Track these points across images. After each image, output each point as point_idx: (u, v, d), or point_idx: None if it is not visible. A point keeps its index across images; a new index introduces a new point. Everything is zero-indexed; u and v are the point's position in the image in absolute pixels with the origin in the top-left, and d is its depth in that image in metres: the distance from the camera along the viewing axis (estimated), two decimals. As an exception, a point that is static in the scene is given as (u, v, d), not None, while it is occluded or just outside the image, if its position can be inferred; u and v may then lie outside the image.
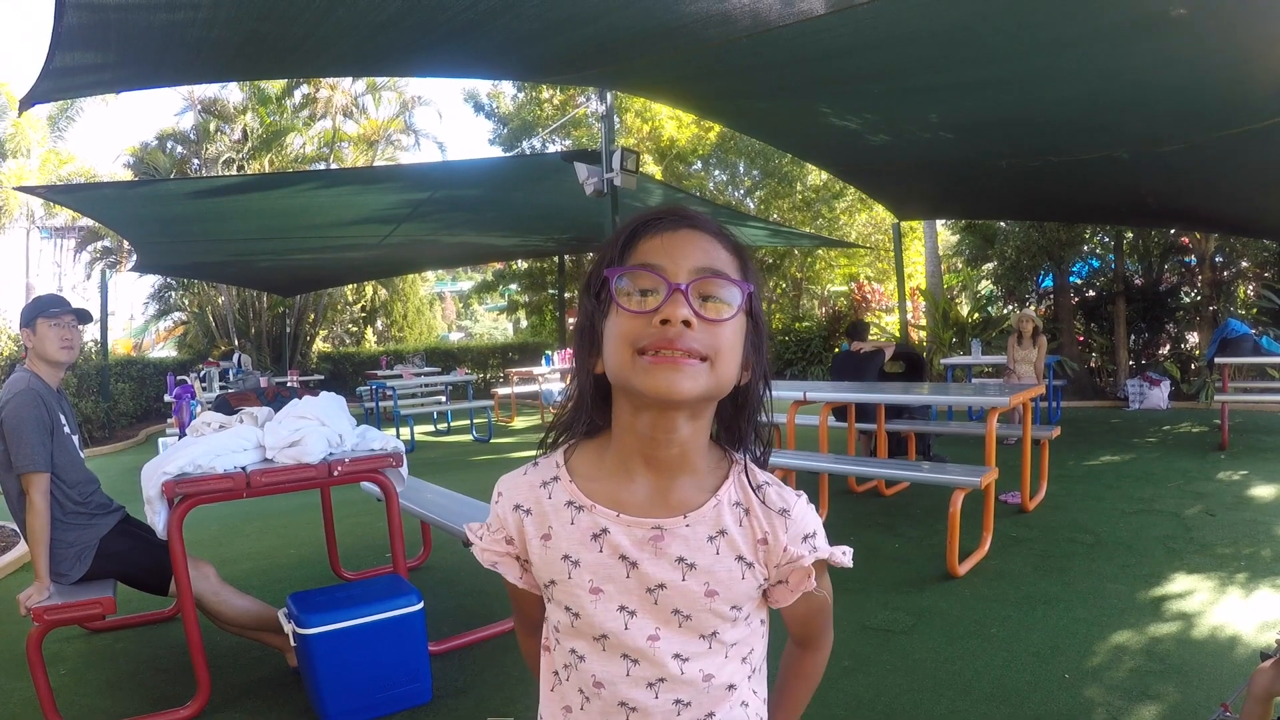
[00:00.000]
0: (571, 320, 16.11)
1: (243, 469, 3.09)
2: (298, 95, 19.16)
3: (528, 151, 16.82)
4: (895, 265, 12.40)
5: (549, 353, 14.49)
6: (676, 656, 0.97)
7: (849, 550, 1.03)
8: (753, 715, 1.06)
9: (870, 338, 7.72)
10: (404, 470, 3.45)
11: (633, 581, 0.96)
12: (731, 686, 1.01)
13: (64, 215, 19.42)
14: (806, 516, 0.99)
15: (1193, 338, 12.63)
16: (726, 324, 0.90)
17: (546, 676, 1.09)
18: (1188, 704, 2.77)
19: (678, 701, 0.99)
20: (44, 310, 3.28)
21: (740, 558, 0.97)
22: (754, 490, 0.98)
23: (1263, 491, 5.69)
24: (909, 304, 13.74)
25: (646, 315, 0.88)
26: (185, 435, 3.66)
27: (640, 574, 0.96)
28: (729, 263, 0.93)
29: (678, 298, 0.87)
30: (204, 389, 9.89)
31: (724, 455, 1.01)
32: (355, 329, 22.43)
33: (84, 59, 4.06)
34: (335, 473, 3.21)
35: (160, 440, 4.64)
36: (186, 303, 19.02)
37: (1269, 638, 3.20)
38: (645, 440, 0.94)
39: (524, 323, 22.07)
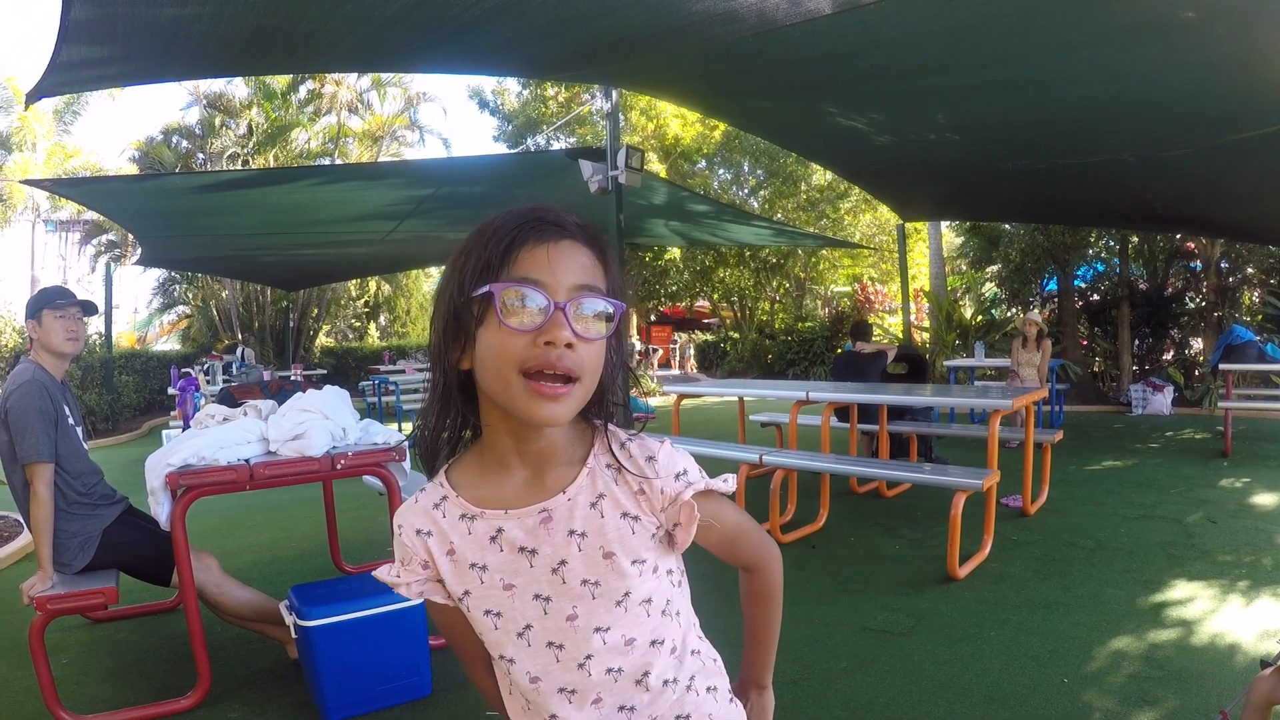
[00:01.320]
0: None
1: (246, 461, 3.10)
2: (303, 90, 19.19)
3: (532, 149, 16.83)
4: (899, 266, 12.39)
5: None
6: (597, 630, 1.00)
7: (730, 476, 1.07)
8: (703, 660, 1.11)
9: (874, 339, 7.71)
10: (406, 464, 3.45)
11: (537, 569, 1.00)
12: (657, 641, 1.04)
13: (69, 209, 19.47)
14: (673, 458, 1.03)
15: (1197, 343, 12.61)
16: (599, 341, 0.95)
17: (503, 683, 1.12)
18: (1186, 711, 2.77)
19: (609, 671, 1.02)
20: (49, 302, 3.30)
21: (625, 514, 1.00)
22: (619, 448, 1.02)
23: (1265, 499, 5.68)
24: (912, 305, 13.73)
25: (529, 334, 0.90)
26: (189, 428, 3.67)
27: (540, 559, 0.99)
28: (600, 275, 0.97)
29: (559, 318, 0.90)
30: (208, 382, 9.92)
31: (585, 425, 1.04)
32: (358, 324, 22.47)
33: (90, 53, 4.06)
34: (338, 466, 3.22)
35: (164, 433, 4.64)
36: (190, 296, 19.06)
37: (1269, 646, 3.19)
38: (515, 439, 0.99)
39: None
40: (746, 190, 18.27)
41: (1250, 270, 12.29)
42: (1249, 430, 8.67)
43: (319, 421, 3.30)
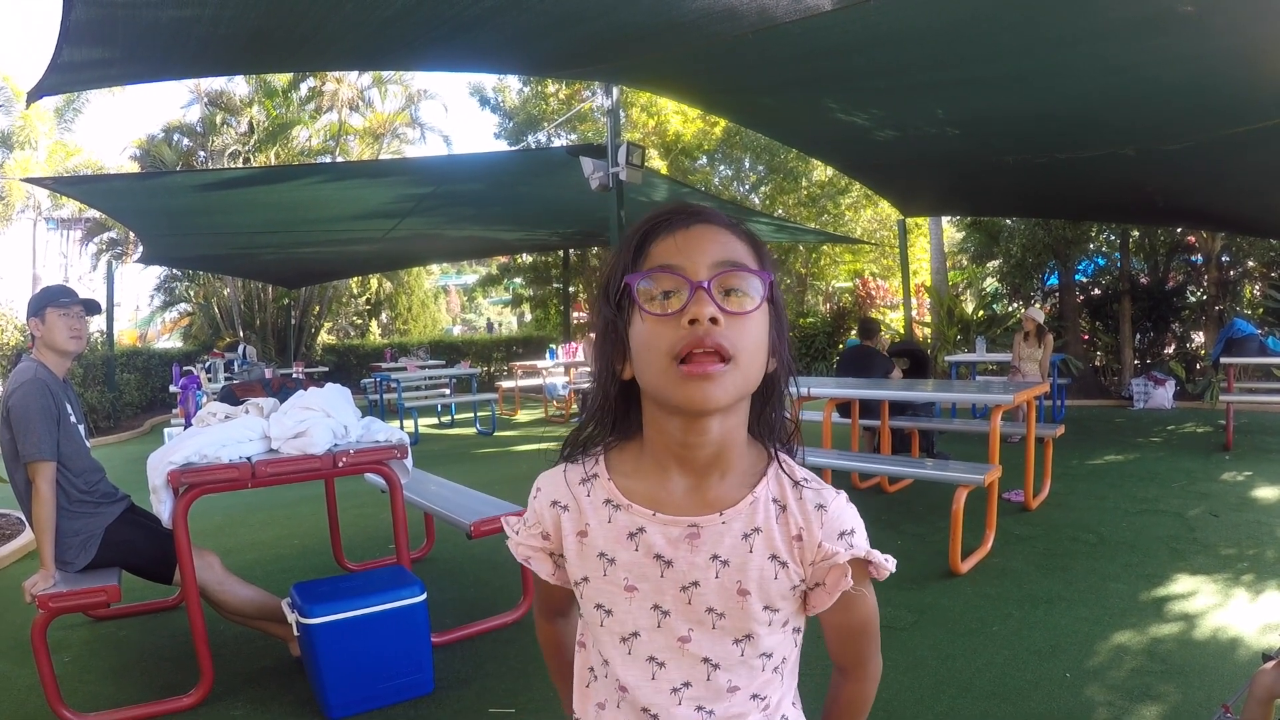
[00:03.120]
0: (576, 315, 16.16)
1: (248, 459, 3.10)
2: (304, 88, 19.18)
3: (533, 146, 16.82)
4: (900, 262, 12.38)
5: (553, 346, 14.49)
6: (706, 661, 0.96)
7: (891, 558, 0.99)
8: None
9: (878, 336, 7.68)
10: (409, 462, 3.45)
11: (666, 581, 0.96)
12: (758, 697, 0.99)
13: (70, 207, 19.49)
14: (844, 513, 0.97)
15: (1198, 337, 12.60)
16: (751, 316, 0.89)
17: (581, 672, 1.08)
18: (1189, 705, 2.77)
19: (700, 709, 0.97)
20: (54, 300, 3.30)
21: (774, 556, 0.95)
22: (791, 486, 0.97)
23: (1267, 493, 5.68)
24: (914, 300, 13.72)
25: (673, 318, 0.87)
26: (191, 425, 3.67)
27: (674, 573, 0.95)
28: (745, 253, 0.92)
29: (701, 296, 0.86)
30: (209, 380, 9.92)
31: (762, 451, 1.00)
32: (360, 321, 22.48)
33: (91, 53, 4.07)
34: (340, 464, 3.22)
35: (166, 430, 4.65)
36: (192, 294, 19.07)
37: (1271, 639, 3.20)
38: (678, 444, 0.93)
39: (528, 316, 22.09)
40: (747, 186, 18.22)
41: (1251, 264, 12.27)
42: (1251, 424, 8.66)
43: (321, 419, 3.30)
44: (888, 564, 0.98)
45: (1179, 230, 12.26)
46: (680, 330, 0.86)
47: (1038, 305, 12.89)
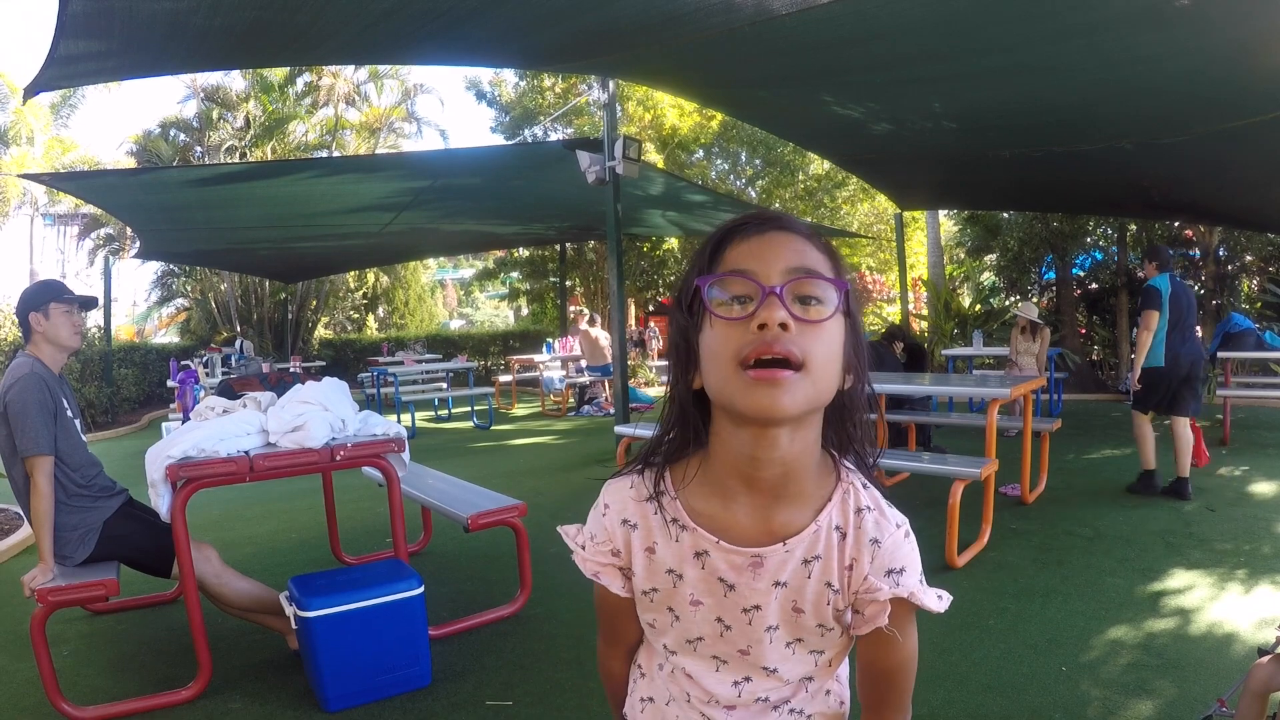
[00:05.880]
0: (573, 309, 16.13)
1: (246, 453, 3.10)
2: (300, 83, 19.10)
3: (529, 139, 16.79)
4: (897, 255, 12.38)
5: (550, 340, 14.49)
6: (764, 668, 1.01)
7: (945, 595, 0.98)
8: (834, 701, 1.08)
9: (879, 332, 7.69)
10: (406, 455, 3.45)
11: (729, 602, 0.98)
12: (808, 678, 1.04)
13: (67, 202, 19.41)
14: (899, 550, 0.96)
15: (1196, 332, 12.59)
16: (824, 325, 0.87)
17: (633, 680, 1.12)
18: (1184, 699, 2.78)
19: (760, 700, 1.03)
20: (58, 295, 3.28)
21: (829, 583, 0.96)
22: (854, 514, 0.96)
23: (1263, 488, 5.69)
24: (911, 294, 13.72)
25: (743, 322, 0.85)
26: (189, 420, 3.67)
27: (736, 595, 0.97)
28: (821, 262, 0.91)
29: (772, 301, 0.84)
30: (207, 374, 9.91)
31: (832, 470, 0.98)
32: (357, 316, 22.43)
33: (88, 47, 4.06)
34: (337, 457, 3.23)
35: (163, 425, 4.66)
36: (189, 289, 19.03)
37: (1267, 634, 3.20)
38: (745, 459, 0.91)
39: (525, 310, 22.06)
40: (744, 180, 18.20)
41: (1249, 258, 12.29)
42: (1247, 418, 8.68)
43: (318, 413, 3.30)
44: (939, 605, 0.97)
45: (1176, 224, 12.27)
46: (749, 335, 0.84)
47: (1033, 300, 12.90)
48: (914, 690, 1.05)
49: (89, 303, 3.43)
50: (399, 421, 4.58)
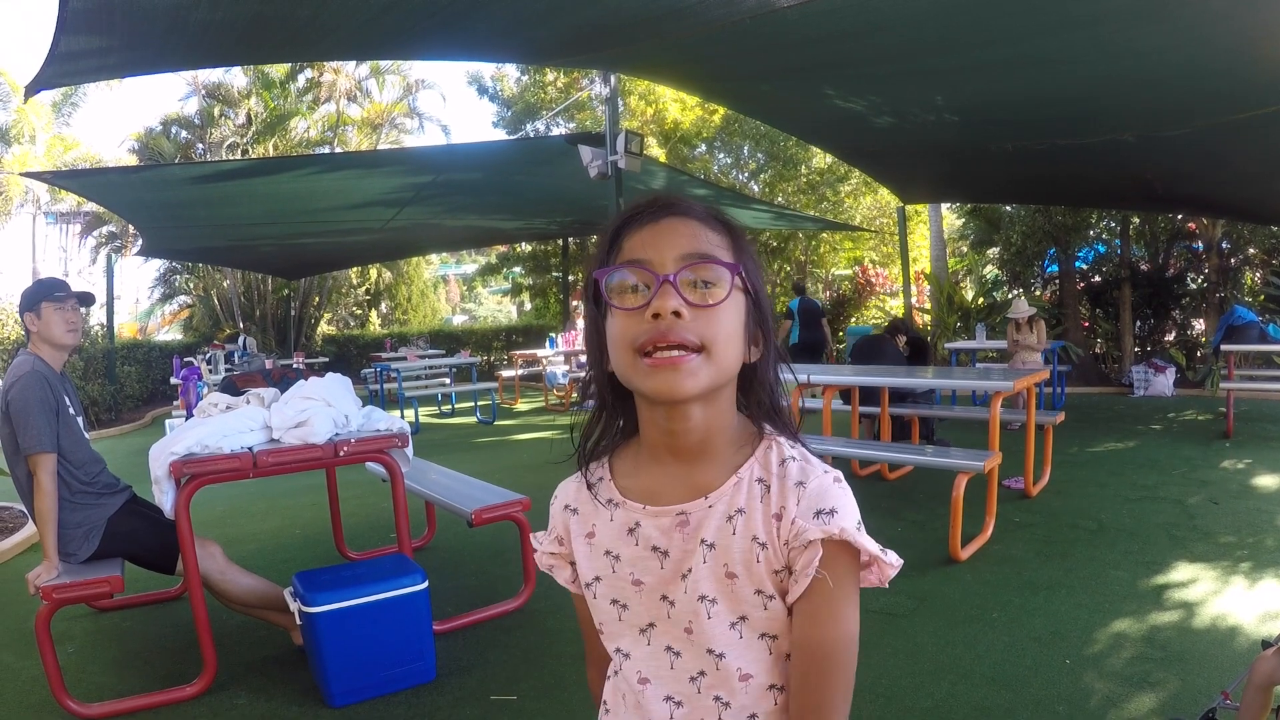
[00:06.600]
0: (576, 303, 16.14)
1: (249, 449, 3.11)
2: (301, 79, 19.12)
3: (531, 134, 16.77)
4: (900, 249, 12.36)
5: (553, 335, 14.49)
6: (710, 652, 0.94)
7: (894, 557, 0.93)
8: None
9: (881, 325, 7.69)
10: (409, 451, 3.46)
11: (667, 571, 0.96)
12: (775, 688, 0.94)
13: (69, 200, 19.44)
14: (826, 492, 0.90)
15: (1199, 324, 12.59)
16: (720, 308, 0.88)
17: (608, 695, 1.09)
18: (1188, 691, 2.78)
19: (717, 699, 0.94)
20: (48, 294, 3.29)
21: (755, 537, 0.91)
22: (778, 465, 0.93)
23: (1267, 480, 5.68)
24: (914, 288, 13.70)
25: (638, 312, 0.87)
26: (192, 417, 3.67)
27: (671, 562, 0.95)
28: (719, 244, 0.91)
29: (666, 289, 0.86)
30: (210, 371, 9.93)
31: (754, 433, 0.98)
32: (360, 312, 22.46)
33: (89, 44, 4.05)
34: (341, 453, 3.23)
35: (167, 422, 4.66)
36: (191, 286, 19.05)
37: (1271, 627, 3.20)
38: (664, 432, 0.93)
39: (528, 305, 22.05)
40: (746, 174, 18.17)
41: (1252, 251, 12.25)
42: (1251, 411, 8.66)
43: (321, 409, 3.30)
44: (887, 557, 0.92)
45: (1179, 217, 12.24)
46: (645, 324, 0.86)
47: (1038, 292, 12.88)
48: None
49: (85, 298, 3.43)
50: (402, 417, 4.58)
